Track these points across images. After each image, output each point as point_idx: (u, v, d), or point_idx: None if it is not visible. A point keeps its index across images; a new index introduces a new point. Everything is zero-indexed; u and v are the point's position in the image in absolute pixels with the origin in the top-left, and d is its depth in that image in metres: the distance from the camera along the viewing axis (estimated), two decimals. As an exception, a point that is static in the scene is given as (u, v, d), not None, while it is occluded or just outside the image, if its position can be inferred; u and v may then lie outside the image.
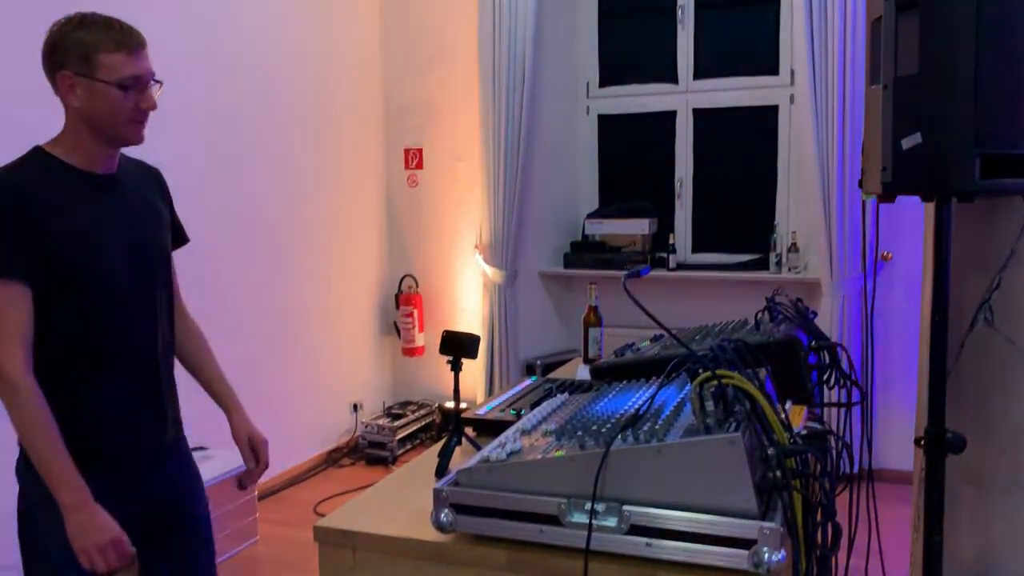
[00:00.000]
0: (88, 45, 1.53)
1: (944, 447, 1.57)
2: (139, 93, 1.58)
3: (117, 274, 1.62)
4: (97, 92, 1.54)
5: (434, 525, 1.20)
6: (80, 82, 1.54)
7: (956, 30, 1.42)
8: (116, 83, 1.54)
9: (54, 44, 1.55)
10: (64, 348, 1.58)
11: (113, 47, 1.54)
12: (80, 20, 1.55)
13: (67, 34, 1.54)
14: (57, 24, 1.56)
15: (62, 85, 1.55)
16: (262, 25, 4.00)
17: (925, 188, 1.53)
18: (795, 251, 4.23)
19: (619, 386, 1.52)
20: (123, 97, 1.56)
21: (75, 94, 1.55)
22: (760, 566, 1.00)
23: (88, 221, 1.59)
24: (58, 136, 1.62)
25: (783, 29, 4.30)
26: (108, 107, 1.55)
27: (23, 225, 1.50)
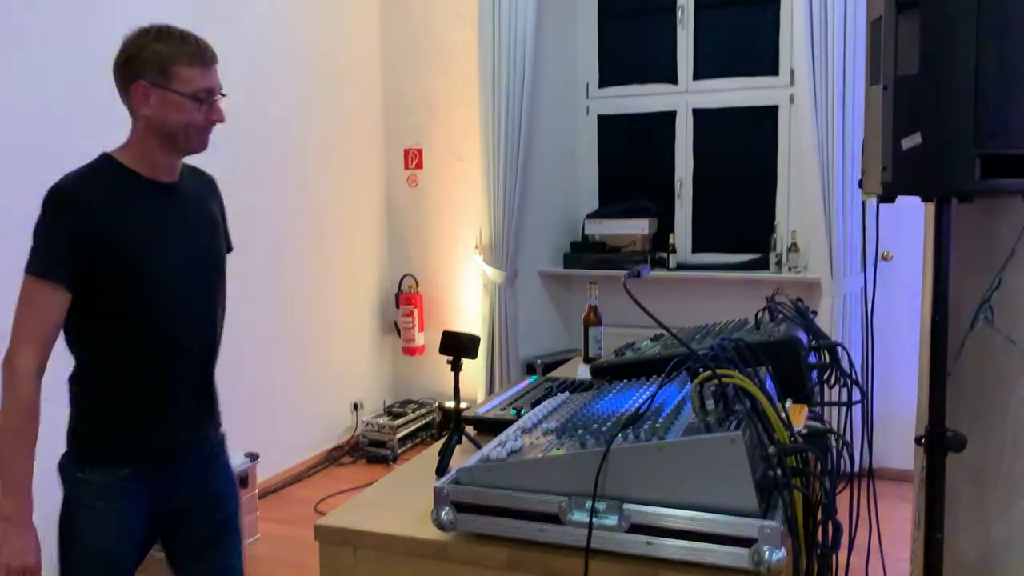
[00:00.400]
0: (165, 57, 1.60)
1: (944, 446, 1.58)
2: (209, 105, 1.66)
3: (175, 279, 1.68)
4: (171, 102, 1.61)
5: (435, 524, 1.20)
6: (155, 92, 1.60)
7: (956, 30, 1.42)
8: (190, 95, 1.62)
9: (131, 55, 1.61)
10: (121, 346, 1.63)
11: (189, 61, 1.62)
12: (158, 33, 1.62)
13: (145, 46, 1.60)
14: (135, 35, 1.63)
15: (136, 94, 1.61)
16: (261, 25, 4.00)
17: (925, 188, 1.53)
18: (795, 251, 4.23)
19: (619, 385, 1.52)
20: (195, 108, 1.63)
21: (148, 103, 1.60)
22: (760, 564, 1.00)
23: (151, 228, 1.64)
24: (125, 144, 1.68)
25: (783, 29, 4.30)
26: (180, 117, 1.62)
27: (82, 228, 1.55)
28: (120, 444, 1.65)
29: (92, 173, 1.63)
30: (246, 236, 3.88)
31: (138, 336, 1.64)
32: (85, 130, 3.10)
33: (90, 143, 1.74)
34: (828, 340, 1.73)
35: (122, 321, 1.62)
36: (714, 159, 4.57)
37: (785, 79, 4.32)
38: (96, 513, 1.61)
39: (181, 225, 1.72)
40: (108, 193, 1.60)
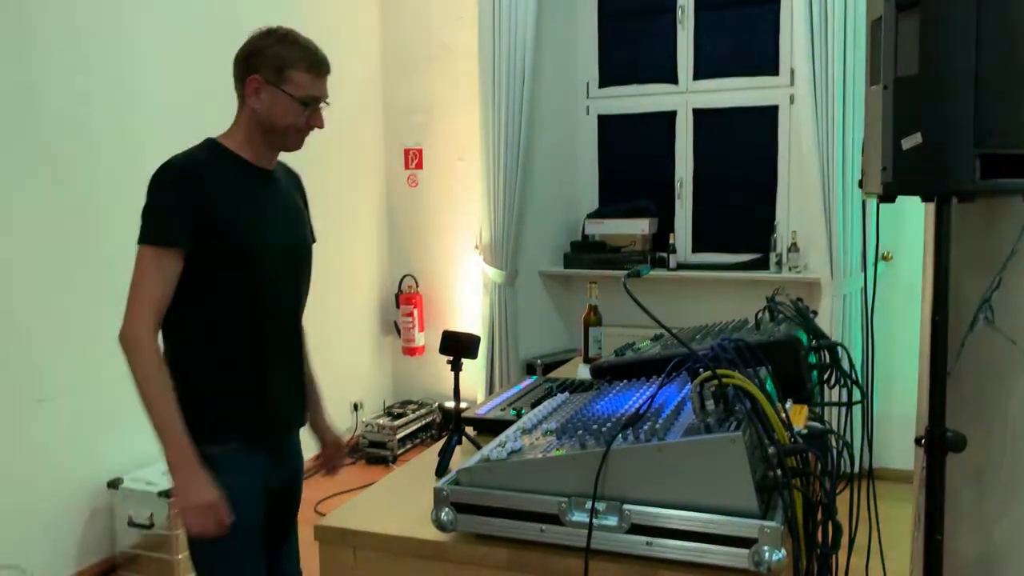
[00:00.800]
0: (284, 60, 1.71)
1: (945, 446, 1.57)
2: (312, 111, 1.75)
3: (274, 260, 1.75)
4: (279, 102, 1.70)
5: (435, 524, 1.20)
6: (267, 89, 1.70)
7: (956, 30, 1.42)
8: (299, 98, 1.71)
9: (253, 50, 1.73)
10: (226, 322, 1.69)
11: (305, 67, 1.72)
12: (283, 36, 1.74)
13: (269, 46, 1.72)
14: (260, 34, 1.75)
15: (250, 86, 1.71)
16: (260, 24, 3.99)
17: (925, 188, 1.53)
18: (795, 251, 4.23)
19: (619, 385, 1.52)
20: (300, 112, 1.72)
21: (259, 98, 1.71)
22: (761, 565, 1.00)
23: (254, 208, 1.73)
24: (230, 131, 1.79)
25: (783, 29, 4.30)
26: (283, 115, 1.71)
27: (193, 202, 1.62)
28: (227, 418, 1.71)
29: (200, 153, 1.71)
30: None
31: (243, 312, 1.70)
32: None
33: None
34: (828, 340, 1.73)
35: (228, 297, 1.68)
36: (714, 159, 4.57)
37: (785, 79, 4.32)
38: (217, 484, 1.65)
39: (277, 210, 1.80)
40: (215, 172, 1.69)
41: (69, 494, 3.08)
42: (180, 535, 3.11)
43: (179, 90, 3.52)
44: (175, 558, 3.10)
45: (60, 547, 3.05)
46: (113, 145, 3.22)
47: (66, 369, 3.04)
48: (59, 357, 3.02)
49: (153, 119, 3.40)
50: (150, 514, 3.11)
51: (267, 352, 1.75)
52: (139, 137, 3.33)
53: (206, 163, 1.69)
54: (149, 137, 3.38)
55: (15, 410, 2.88)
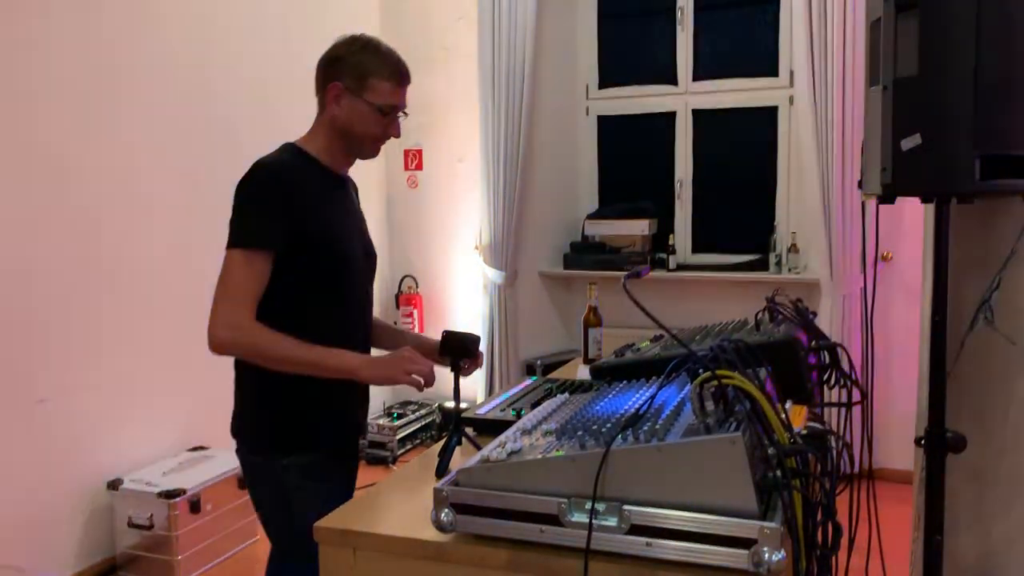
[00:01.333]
0: (366, 68, 1.71)
1: (944, 447, 1.57)
2: (391, 120, 1.77)
3: (354, 267, 1.79)
4: (358, 109, 1.72)
5: (434, 525, 1.20)
6: (347, 96, 1.71)
7: (956, 30, 1.42)
8: (378, 107, 1.72)
9: (337, 57, 1.73)
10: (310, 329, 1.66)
11: (386, 76, 1.73)
12: (366, 44, 1.74)
13: (352, 53, 1.72)
14: (343, 41, 1.75)
15: (331, 93, 1.72)
16: (260, 25, 4.00)
17: (925, 189, 1.53)
18: (795, 251, 4.23)
19: (619, 386, 1.52)
20: (378, 120, 1.73)
21: (339, 104, 1.72)
22: (760, 566, 1.00)
23: (336, 211, 1.77)
24: (310, 135, 1.79)
25: (783, 30, 4.30)
26: (363, 124, 1.73)
27: (285, 205, 1.63)
28: (316, 426, 1.73)
29: (285, 158, 1.72)
30: (246, 237, 3.89)
31: (329, 319, 1.72)
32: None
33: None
34: (828, 341, 1.72)
35: (314, 303, 1.70)
36: (714, 159, 4.57)
37: (784, 80, 4.32)
38: (310, 492, 1.68)
39: (352, 216, 1.85)
40: (303, 177, 1.70)
41: (69, 494, 3.08)
42: (180, 535, 3.11)
43: (177, 93, 3.52)
44: (175, 558, 3.10)
45: (60, 547, 3.05)
46: (110, 149, 3.22)
47: (66, 369, 3.04)
48: (59, 357, 3.02)
49: (151, 120, 3.40)
50: (150, 515, 3.11)
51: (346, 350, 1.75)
52: (132, 138, 3.33)
53: (293, 168, 1.70)
54: (143, 141, 3.38)
55: (15, 410, 2.88)
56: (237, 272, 1.61)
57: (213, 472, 3.31)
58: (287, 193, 1.64)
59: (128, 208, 3.29)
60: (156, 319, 3.38)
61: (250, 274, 1.61)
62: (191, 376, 3.55)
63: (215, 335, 1.60)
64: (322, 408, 1.73)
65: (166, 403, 3.47)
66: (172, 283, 3.47)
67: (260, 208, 1.63)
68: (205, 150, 3.66)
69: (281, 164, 1.68)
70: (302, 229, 1.64)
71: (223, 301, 1.60)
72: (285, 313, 1.65)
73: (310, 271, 1.68)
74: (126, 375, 3.26)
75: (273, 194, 1.63)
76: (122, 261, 3.26)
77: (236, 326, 1.59)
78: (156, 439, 3.43)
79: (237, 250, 1.63)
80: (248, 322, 1.60)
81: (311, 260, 1.67)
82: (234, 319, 1.59)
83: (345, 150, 1.78)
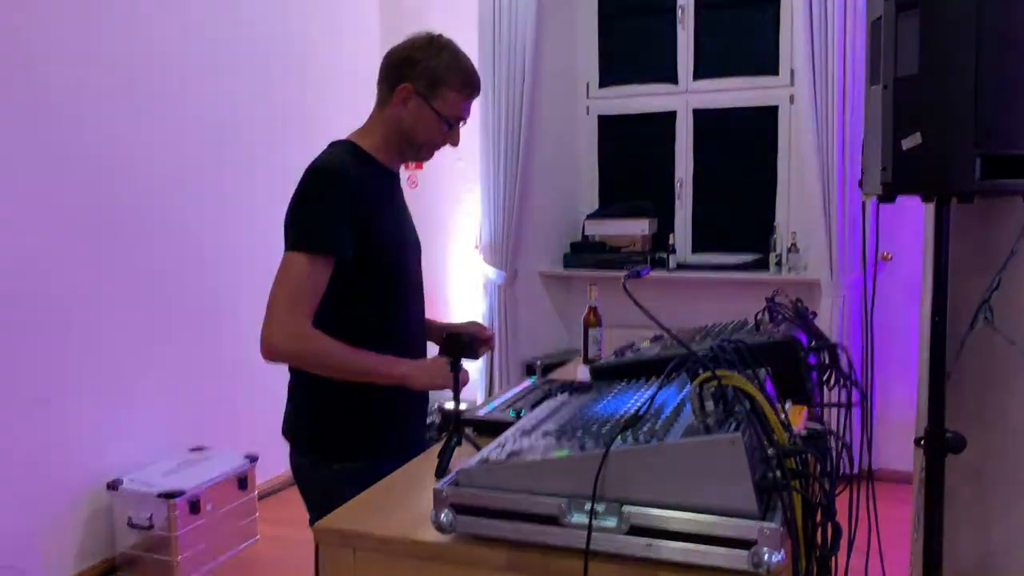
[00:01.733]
0: (440, 76, 1.68)
1: (944, 447, 1.57)
2: (451, 130, 1.74)
3: (409, 259, 1.80)
4: (425, 115, 1.69)
5: (434, 525, 1.20)
6: (415, 100, 1.68)
7: (956, 30, 1.42)
8: (445, 117, 1.69)
9: (412, 59, 1.69)
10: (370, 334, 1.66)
11: (458, 87, 1.69)
12: (443, 48, 1.71)
13: (429, 57, 1.68)
14: (420, 41, 1.72)
15: (398, 94, 1.69)
16: (260, 24, 4.00)
17: (925, 188, 1.53)
18: (795, 251, 4.23)
19: (619, 386, 1.51)
20: (441, 129, 1.71)
21: (405, 107, 1.69)
22: (760, 566, 1.00)
23: (393, 210, 1.77)
24: (365, 131, 1.77)
25: (783, 29, 4.30)
26: (426, 131, 1.71)
27: (349, 209, 1.61)
28: (366, 435, 1.71)
29: (345, 158, 1.69)
30: (246, 237, 3.89)
31: (385, 323, 1.71)
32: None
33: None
34: (827, 341, 1.72)
35: (374, 304, 1.69)
36: (714, 159, 4.57)
37: (785, 79, 4.32)
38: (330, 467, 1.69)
39: (405, 215, 1.84)
40: (362, 178, 1.67)
41: (69, 494, 3.08)
42: (180, 536, 3.11)
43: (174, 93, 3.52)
44: (175, 559, 3.10)
45: (60, 548, 3.05)
46: (112, 145, 3.22)
47: (66, 369, 3.04)
48: (59, 357, 3.02)
49: (151, 119, 3.40)
50: (150, 515, 3.11)
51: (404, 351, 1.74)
52: (137, 136, 3.33)
53: (355, 170, 1.67)
54: (145, 139, 3.38)
55: (15, 410, 2.88)
56: (299, 276, 1.57)
57: (213, 472, 3.31)
58: (352, 197, 1.61)
59: (128, 208, 3.29)
60: (156, 319, 3.38)
61: (312, 279, 1.58)
62: (191, 376, 3.55)
63: (272, 343, 1.57)
64: (373, 417, 1.72)
65: (166, 403, 3.47)
66: (172, 283, 3.47)
67: (326, 212, 1.60)
68: (205, 150, 3.66)
69: (343, 166, 1.65)
70: (367, 233, 1.63)
71: (282, 306, 1.57)
72: (350, 316, 1.65)
73: (375, 275, 1.67)
74: (126, 375, 3.26)
75: (339, 198, 1.60)
76: (122, 261, 3.25)
77: (296, 335, 1.56)
78: (156, 439, 3.43)
79: (301, 254, 1.58)
80: (308, 331, 1.57)
81: (376, 265, 1.66)
82: (294, 328, 1.56)
83: (400, 150, 1.76)
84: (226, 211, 3.78)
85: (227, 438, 3.67)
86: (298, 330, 1.56)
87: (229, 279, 3.78)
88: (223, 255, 3.75)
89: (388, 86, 1.71)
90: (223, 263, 3.75)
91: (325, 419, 1.73)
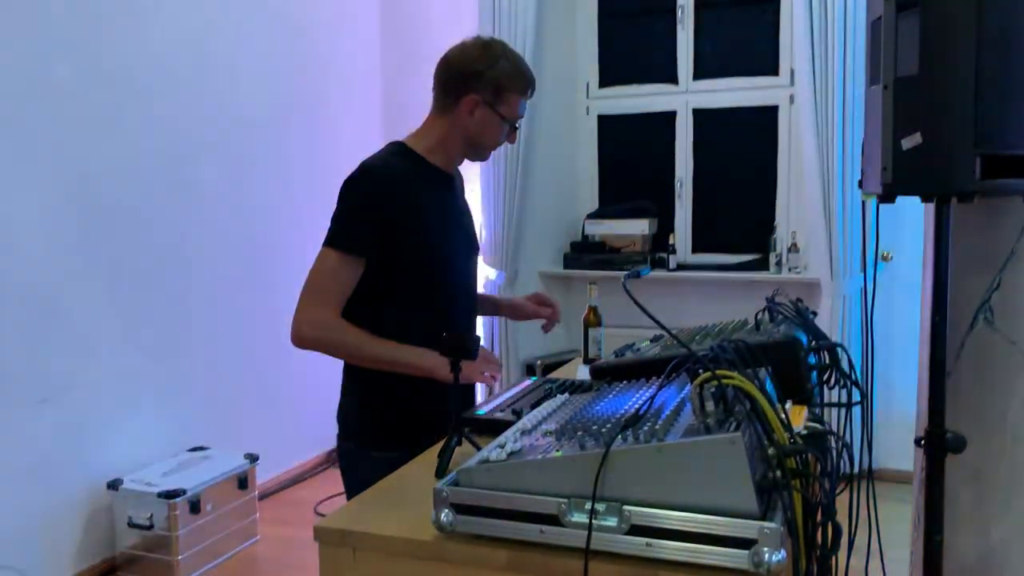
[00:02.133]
0: (503, 81, 1.75)
1: (944, 447, 1.57)
2: (513, 130, 1.82)
3: (456, 262, 1.84)
4: (491, 122, 1.77)
5: (434, 525, 1.20)
6: (482, 109, 1.75)
7: (956, 30, 1.42)
8: (508, 119, 1.78)
9: (476, 72, 1.74)
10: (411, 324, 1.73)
11: (520, 90, 1.78)
12: (502, 55, 1.76)
13: (491, 67, 1.74)
14: (478, 52, 1.76)
15: (466, 105, 1.75)
16: (260, 25, 4.00)
17: (925, 188, 1.53)
18: (795, 251, 4.23)
19: (619, 386, 1.51)
20: (504, 132, 1.80)
21: (473, 116, 1.76)
22: (760, 566, 1.00)
23: (441, 212, 1.81)
24: (420, 134, 1.84)
25: (783, 29, 4.30)
26: (491, 135, 1.79)
27: (387, 214, 1.68)
28: (408, 424, 1.74)
29: (394, 160, 1.76)
30: (246, 238, 3.89)
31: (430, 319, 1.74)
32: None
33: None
34: (828, 341, 1.72)
35: (414, 299, 1.75)
36: (714, 159, 4.57)
37: (785, 79, 4.32)
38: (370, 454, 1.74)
39: (457, 213, 1.89)
40: (409, 176, 1.74)
41: (69, 494, 3.08)
42: (180, 536, 3.11)
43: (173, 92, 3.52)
44: (175, 559, 3.10)
45: (60, 548, 3.05)
46: (115, 148, 3.22)
47: (66, 369, 3.04)
48: (60, 357, 3.02)
49: (151, 122, 3.40)
50: (150, 515, 3.11)
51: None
52: (141, 137, 3.33)
53: (401, 172, 1.74)
54: (146, 142, 3.38)
55: (15, 410, 2.88)
56: (327, 271, 1.67)
57: (213, 472, 3.31)
58: (390, 202, 1.68)
59: (129, 208, 3.29)
60: (157, 319, 3.38)
61: (341, 275, 1.67)
62: (191, 376, 3.55)
63: (300, 331, 1.67)
64: (415, 407, 1.76)
65: (166, 403, 3.47)
66: (172, 283, 3.47)
67: (362, 214, 1.67)
68: (205, 150, 3.66)
69: (388, 169, 1.72)
70: (403, 237, 1.69)
71: (311, 297, 1.67)
72: (392, 314, 1.72)
73: (416, 274, 1.74)
74: (126, 375, 3.26)
75: (377, 202, 1.67)
76: (122, 261, 3.26)
77: (321, 325, 1.66)
78: (156, 439, 3.43)
79: (333, 250, 1.67)
80: (333, 321, 1.66)
81: (417, 264, 1.73)
82: (320, 317, 1.65)
83: (462, 153, 1.84)
84: (227, 212, 3.78)
85: (227, 438, 3.67)
86: (322, 320, 1.65)
87: (229, 278, 3.78)
88: (223, 255, 3.75)
89: (452, 96, 1.77)
90: (223, 263, 3.75)
91: (370, 408, 1.81)
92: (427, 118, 1.85)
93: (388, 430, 1.79)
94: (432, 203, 1.78)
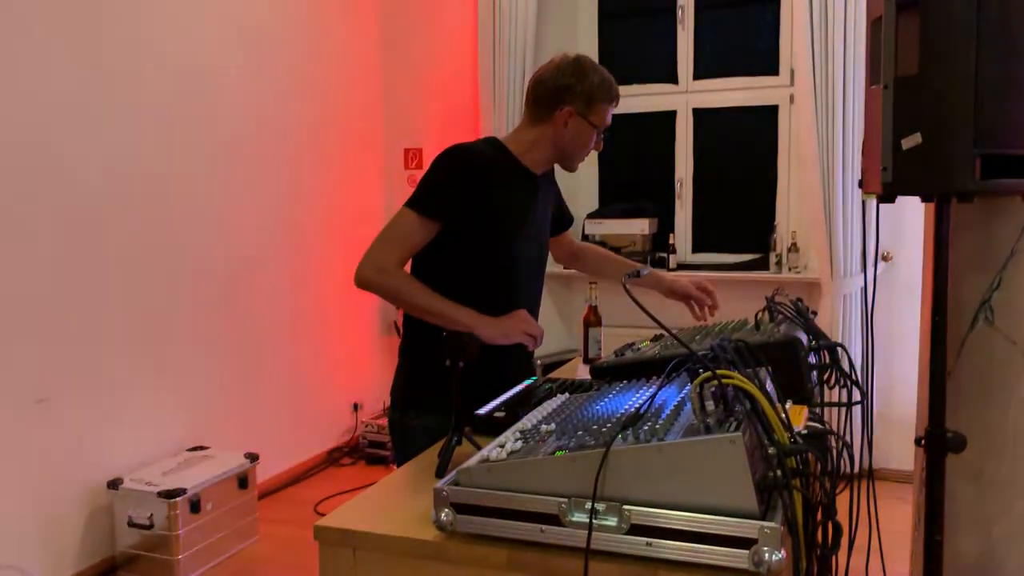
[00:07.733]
0: (593, 92, 1.88)
1: (944, 447, 1.57)
2: (600, 137, 1.93)
3: (527, 246, 1.94)
4: (582, 131, 1.89)
5: (434, 524, 1.20)
6: (575, 120, 1.87)
7: (956, 30, 1.42)
8: (598, 127, 1.90)
9: (567, 86, 1.87)
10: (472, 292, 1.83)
11: (609, 100, 1.91)
12: (590, 69, 1.89)
13: (581, 81, 1.86)
14: (568, 68, 1.88)
15: (560, 118, 1.87)
16: (261, 25, 4.00)
17: (925, 188, 1.53)
18: (795, 251, 4.23)
19: (619, 386, 1.52)
20: (593, 140, 1.91)
21: (567, 127, 1.88)
22: (760, 565, 1.00)
23: (520, 206, 1.92)
24: (514, 136, 1.95)
25: (783, 29, 4.30)
26: (582, 144, 1.91)
27: (469, 191, 1.79)
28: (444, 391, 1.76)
29: (486, 149, 1.88)
30: (246, 238, 3.89)
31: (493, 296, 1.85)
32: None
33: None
34: (828, 340, 1.72)
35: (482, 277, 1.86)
36: (714, 159, 4.57)
37: (785, 79, 4.32)
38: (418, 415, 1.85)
39: (536, 217, 1.98)
40: (496, 170, 1.85)
41: (69, 494, 3.08)
42: (180, 535, 3.11)
43: (170, 92, 3.52)
44: (175, 558, 3.10)
45: (60, 547, 3.05)
46: (110, 143, 3.22)
47: (66, 369, 3.04)
48: (59, 357, 3.02)
49: (144, 119, 3.40)
50: (150, 514, 3.11)
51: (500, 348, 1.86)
52: (132, 135, 3.33)
53: (489, 159, 1.85)
54: (146, 138, 3.38)
55: (15, 410, 2.88)
56: (404, 227, 1.79)
57: (213, 472, 3.31)
58: (473, 181, 1.79)
59: (129, 208, 3.29)
60: (157, 318, 3.38)
61: (413, 234, 1.79)
62: (191, 376, 3.55)
63: (362, 272, 1.78)
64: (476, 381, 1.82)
65: (166, 403, 3.47)
66: (172, 283, 3.47)
67: (445, 183, 1.79)
68: (206, 150, 3.66)
69: (478, 153, 1.84)
70: (479, 218, 1.80)
71: (381, 246, 1.79)
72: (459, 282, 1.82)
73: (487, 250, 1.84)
74: (126, 375, 3.26)
75: (460, 177, 1.79)
76: (121, 261, 3.26)
77: (383, 269, 1.77)
78: (156, 439, 3.43)
79: (412, 211, 1.79)
80: (395, 268, 1.78)
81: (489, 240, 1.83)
82: (384, 263, 1.77)
83: (554, 159, 1.95)
84: (229, 212, 3.78)
85: (227, 437, 3.67)
86: (385, 265, 1.78)
87: (229, 279, 3.78)
88: (224, 255, 3.75)
89: (546, 109, 1.88)
90: (224, 263, 3.75)
91: (413, 379, 1.93)
92: (519, 127, 1.95)
93: (423, 395, 1.87)
94: (510, 191, 1.88)
